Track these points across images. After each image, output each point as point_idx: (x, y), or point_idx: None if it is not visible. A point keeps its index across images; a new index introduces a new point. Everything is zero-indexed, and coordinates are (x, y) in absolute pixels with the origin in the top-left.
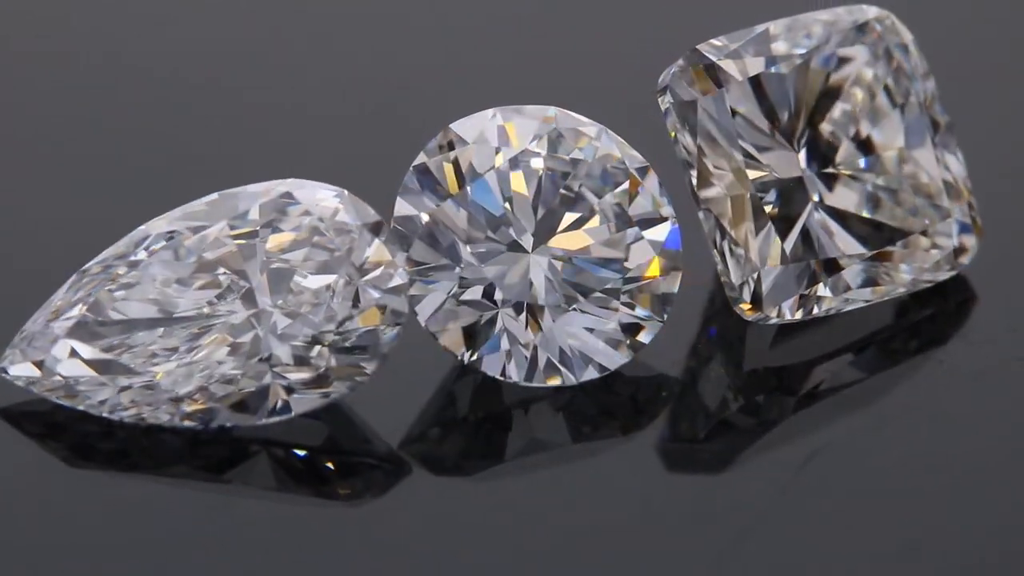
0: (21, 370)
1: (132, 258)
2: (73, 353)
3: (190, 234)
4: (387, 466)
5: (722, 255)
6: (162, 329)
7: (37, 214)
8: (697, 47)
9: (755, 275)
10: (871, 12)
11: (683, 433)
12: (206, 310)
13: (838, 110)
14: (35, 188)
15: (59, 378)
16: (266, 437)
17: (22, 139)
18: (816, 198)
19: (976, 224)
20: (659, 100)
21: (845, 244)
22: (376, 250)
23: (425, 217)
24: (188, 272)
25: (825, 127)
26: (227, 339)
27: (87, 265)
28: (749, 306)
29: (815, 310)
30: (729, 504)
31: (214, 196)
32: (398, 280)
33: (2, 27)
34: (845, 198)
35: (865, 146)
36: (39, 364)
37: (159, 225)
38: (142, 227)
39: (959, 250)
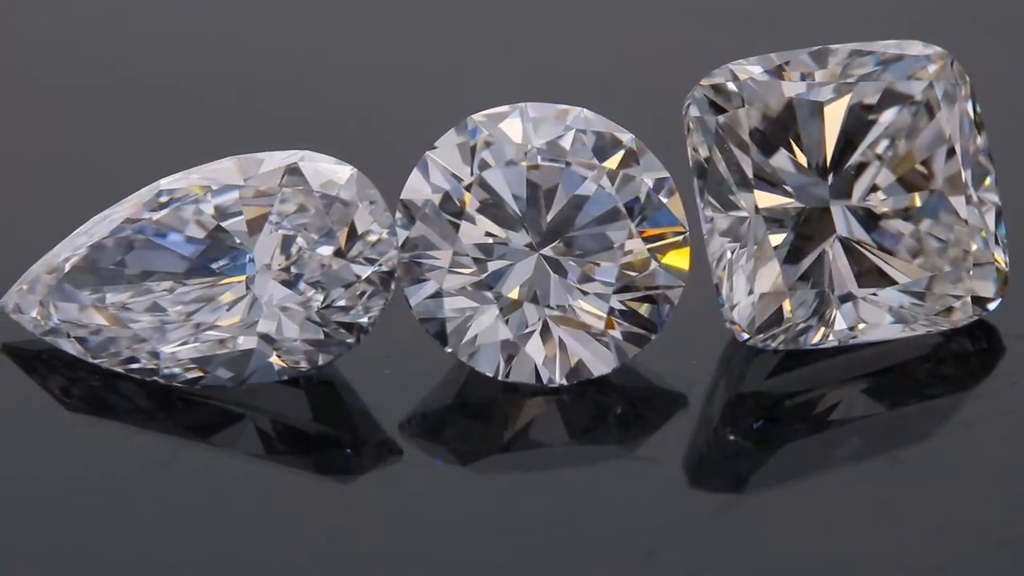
0: (24, 308)
1: (145, 213)
2: (74, 297)
3: (204, 193)
4: (379, 447)
5: (723, 274)
6: (169, 283)
7: (42, 214)
8: (729, 64)
9: (752, 299)
10: (930, 50)
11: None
12: (211, 269)
13: (880, 146)
14: (39, 184)
15: (57, 320)
16: (264, 407)
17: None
18: (842, 231)
19: (1004, 275)
20: (683, 112)
21: (859, 280)
22: (375, 228)
23: (434, 201)
24: (199, 232)
25: (863, 161)
26: (225, 299)
27: (101, 213)
28: (742, 328)
29: (813, 341)
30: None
31: (231, 159)
32: (392, 260)
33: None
34: (876, 235)
35: (904, 185)
36: (41, 304)
37: (176, 182)
38: (159, 182)
39: (983, 298)
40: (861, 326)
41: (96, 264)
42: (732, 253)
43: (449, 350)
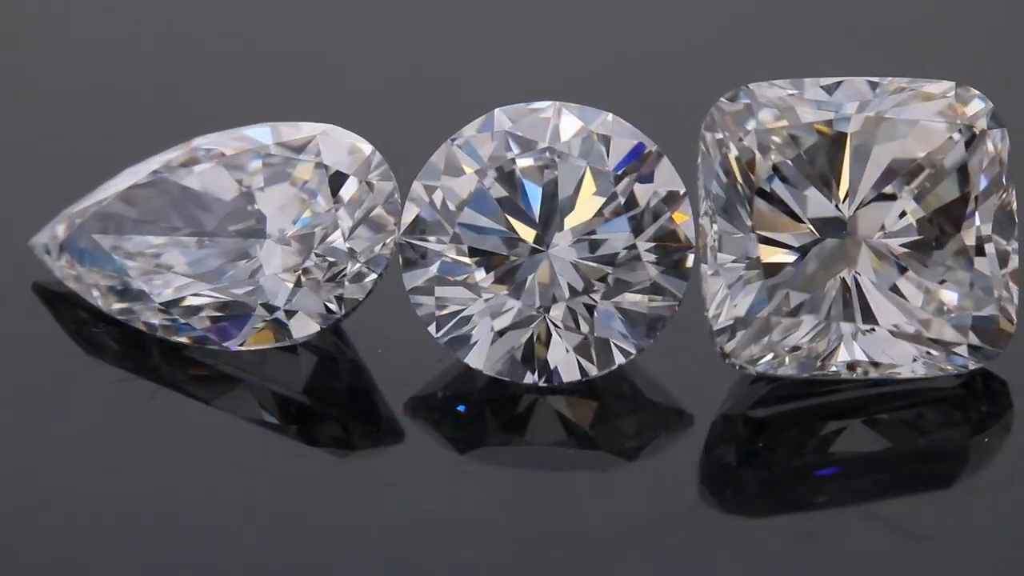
0: (51, 250)
1: (176, 169)
2: (97, 244)
3: (232, 155)
4: (382, 428)
5: (717, 292)
6: (191, 240)
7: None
8: (752, 84)
9: (744, 321)
10: (970, 93)
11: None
12: (228, 230)
13: (904, 185)
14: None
15: (79, 266)
16: (272, 376)
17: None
18: (853, 265)
19: (1010, 326)
20: (702, 130)
21: (863, 315)
22: (385, 208)
23: (448, 187)
24: (223, 193)
25: (885, 198)
26: (233, 262)
27: (134, 166)
28: (725, 349)
29: (810, 372)
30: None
31: (263, 125)
32: (396, 241)
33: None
34: (887, 272)
35: (923, 227)
36: (65, 248)
37: (209, 141)
38: (193, 140)
39: (987, 348)
40: (862, 363)
41: (121, 214)
42: (730, 271)
43: (439, 338)
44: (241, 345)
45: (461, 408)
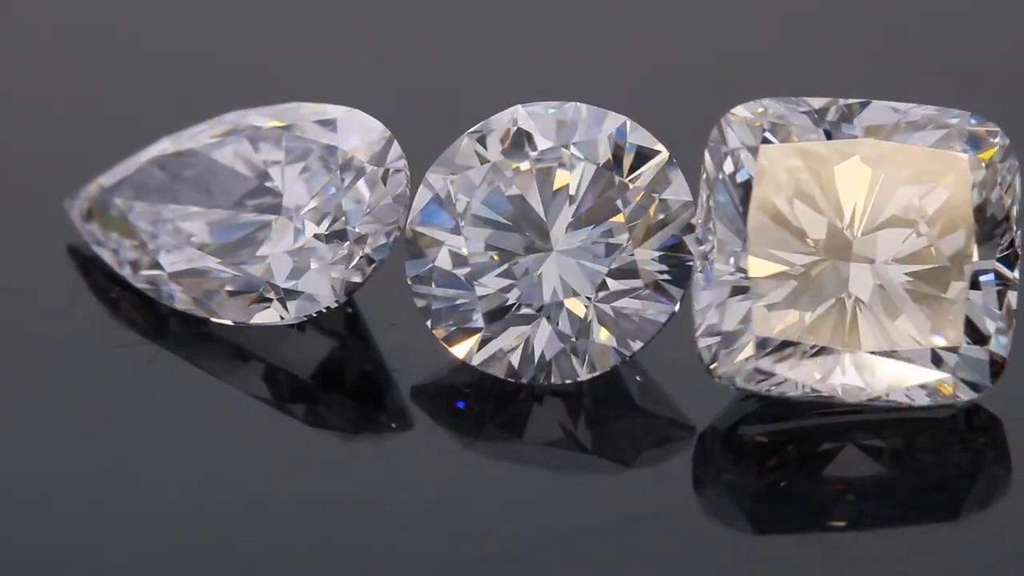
0: (83, 215)
1: (205, 141)
2: (121, 211)
3: (257, 132)
4: (391, 415)
5: (708, 302)
6: (217, 212)
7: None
8: (765, 100)
9: (725, 336)
10: (984, 124)
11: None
12: (247, 206)
13: (911, 210)
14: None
15: (102, 233)
16: (282, 356)
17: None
18: (852, 288)
19: (1000, 361)
20: (709, 141)
21: (860, 340)
22: (397, 194)
23: (461, 179)
24: (246, 169)
25: (891, 223)
26: (247, 238)
27: (166, 137)
28: (708, 365)
29: (797, 393)
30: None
31: (291, 104)
32: (401, 227)
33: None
34: (887, 299)
35: (926, 255)
36: (91, 213)
37: (239, 117)
38: (224, 116)
39: (975, 383)
40: (855, 387)
41: (148, 184)
42: (723, 285)
43: (436, 331)
44: (246, 321)
45: (460, 405)
